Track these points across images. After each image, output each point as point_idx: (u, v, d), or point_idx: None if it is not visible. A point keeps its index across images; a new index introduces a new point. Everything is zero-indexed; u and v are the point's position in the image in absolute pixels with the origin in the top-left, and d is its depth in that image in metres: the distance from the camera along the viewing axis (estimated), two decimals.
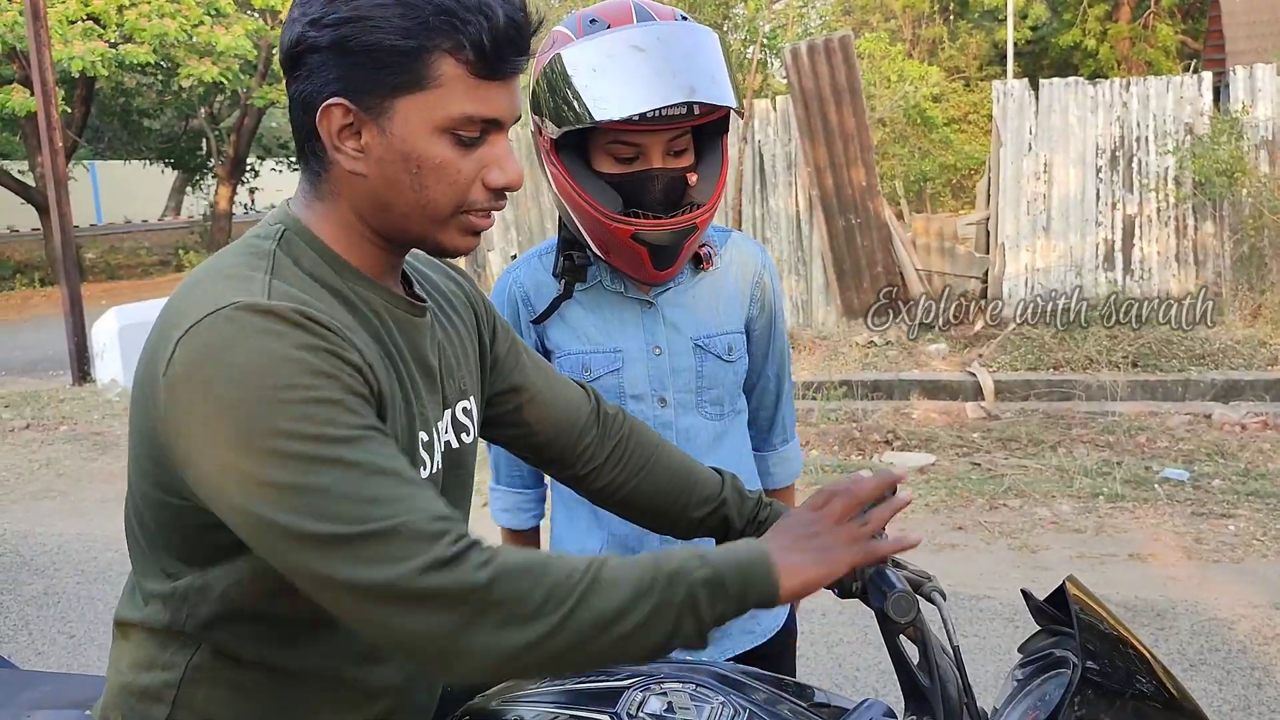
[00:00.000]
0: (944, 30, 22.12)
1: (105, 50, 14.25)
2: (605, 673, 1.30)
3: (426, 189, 1.07)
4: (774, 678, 1.42)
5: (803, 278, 9.72)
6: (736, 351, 1.77)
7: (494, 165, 1.09)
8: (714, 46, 1.57)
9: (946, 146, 16.41)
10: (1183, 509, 5.04)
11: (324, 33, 1.04)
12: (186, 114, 22.65)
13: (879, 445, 6.39)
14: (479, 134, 1.07)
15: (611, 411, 1.47)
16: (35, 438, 7.62)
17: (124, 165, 25.75)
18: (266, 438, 0.94)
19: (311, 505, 0.94)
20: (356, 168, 1.07)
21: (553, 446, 1.42)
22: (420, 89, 1.04)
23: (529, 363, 1.41)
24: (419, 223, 1.09)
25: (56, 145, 9.33)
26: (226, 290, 1.00)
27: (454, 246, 1.12)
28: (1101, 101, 9.00)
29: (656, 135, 1.56)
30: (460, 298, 1.32)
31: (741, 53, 13.91)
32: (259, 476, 0.94)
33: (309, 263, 1.09)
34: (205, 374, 0.96)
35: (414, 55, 1.03)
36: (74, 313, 9.36)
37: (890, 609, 1.22)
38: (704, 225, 1.63)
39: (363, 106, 1.05)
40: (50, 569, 4.96)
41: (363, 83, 1.04)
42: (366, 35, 1.02)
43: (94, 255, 21.50)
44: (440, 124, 1.05)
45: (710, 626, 1.03)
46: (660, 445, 1.48)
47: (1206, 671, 3.49)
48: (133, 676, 1.14)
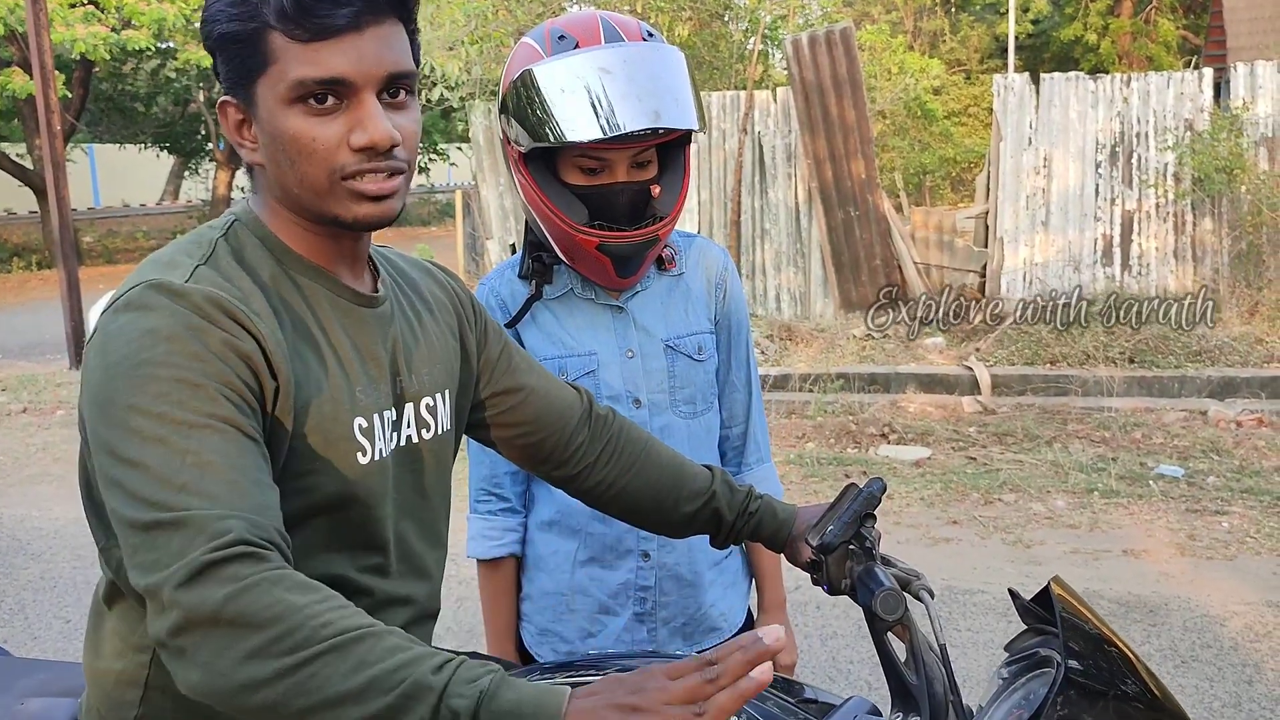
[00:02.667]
0: (945, 23, 22.09)
1: (107, 35, 14.23)
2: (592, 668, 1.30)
3: (297, 164, 1.09)
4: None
5: (801, 270, 9.72)
6: (707, 351, 1.81)
7: (356, 127, 1.08)
8: (679, 67, 1.63)
9: (946, 140, 16.40)
10: (1177, 505, 5.06)
11: (203, 37, 1.11)
12: (185, 99, 22.60)
13: (875, 439, 6.40)
14: (328, 98, 1.07)
15: (602, 412, 1.49)
16: (32, 422, 7.62)
17: (122, 149, 25.68)
18: (120, 409, 0.98)
19: (130, 480, 0.96)
20: (255, 158, 1.13)
21: (545, 446, 1.43)
22: (266, 68, 1.07)
23: (523, 364, 1.43)
24: (308, 198, 1.11)
25: (55, 128, 9.31)
26: (151, 272, 1.06)
27: (354, 217, 1.11)
28: (1102, 96, 8.99)
29: (622, 151, 1.62)
30: (441, 300, 1.34)
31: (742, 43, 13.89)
32: (107, 444, 0.98)
33: (252, 251, 1.13)
34: (99, 343, 1.02)
35: (250, 38, 1.07)
36: (71, 296, 9.35)
37: (878, 607, 1.22)
38: (665, 236, 1.69)
39: (240, 99, 1.10)
40: (46, 554, 4.96)
41: (232, 76, 1.10)
42: (216, 29, 1.08)
43: (92, 239, 21.45)
44: (284, 96, 1.07)
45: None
46: (650, 443, 1.50)
47: (1198, 668, 3.51)
48: (107, 664, 1.17)
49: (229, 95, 1.10)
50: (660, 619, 1.80)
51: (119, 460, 0.97)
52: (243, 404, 1.01)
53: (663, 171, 1.70)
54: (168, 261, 1.08)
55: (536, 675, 1.33)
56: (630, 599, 1.78)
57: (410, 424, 1.23)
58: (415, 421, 1.23)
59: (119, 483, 0.96)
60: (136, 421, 0.97)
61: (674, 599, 1.80)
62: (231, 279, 1.08)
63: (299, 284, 1.13)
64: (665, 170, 1.70)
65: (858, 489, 1.33)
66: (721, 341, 1.86)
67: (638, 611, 1.78)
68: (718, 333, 1.85)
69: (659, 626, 1.80)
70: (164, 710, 1.14)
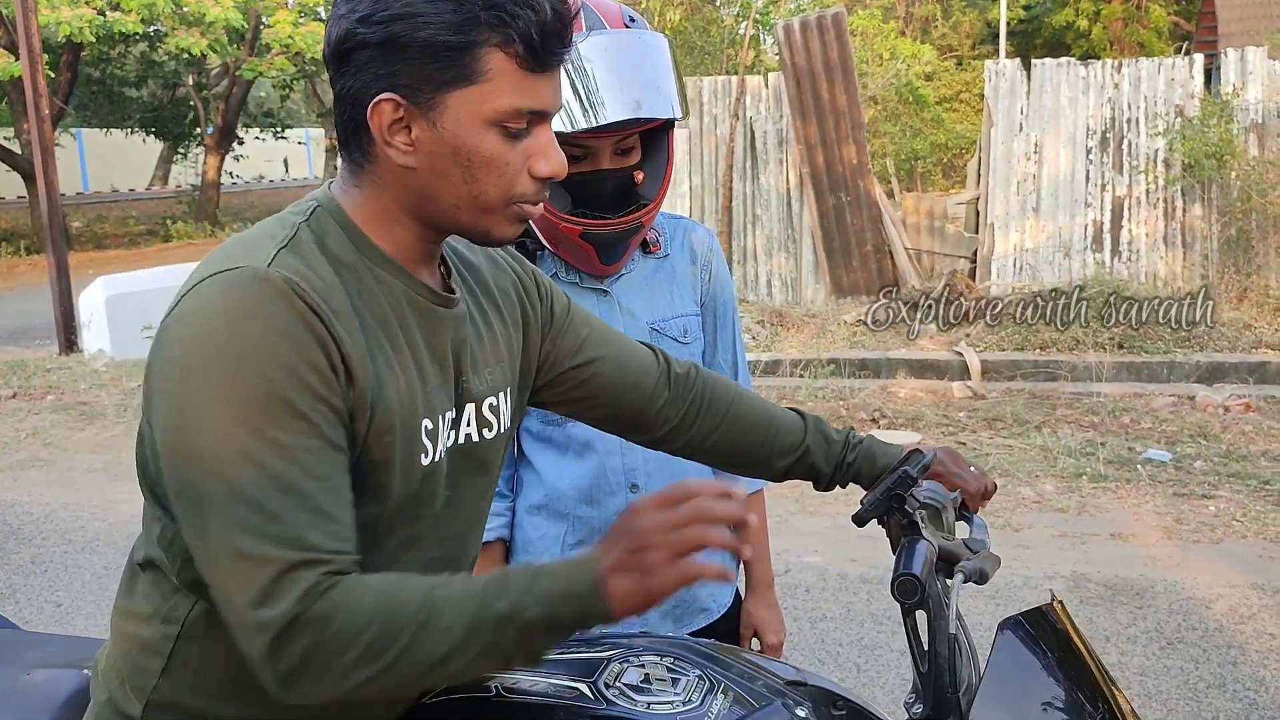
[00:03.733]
0: (937, 8, 22.06)
1: (94, 18, 14.13)
2: (585, 643, 1.30)
3: (477, 181, 1.09)
4: (751, 654, 1.42)
5: (792, 255, 9.73)
6: (692, 334, 1.81)
7: (539, 155, 1.11)
8: (661, 54, 1.62)
9: (938, 125, 16.40)
10: (1164, 490, 5.09)
11: (374, 29, 1.05)
12: (173, 83, 22.47)
13: (865, 424, 6.42)
14: (525, 126, 1.09)
15: (682, 370, 1.47)
16: (21, 407, 7.60)
17: (110, 134, 25.55)
18: (204, 416, 0.98)
19: (216, 497, 0.97)
20: (407, 161, 1.09)
21: (626, 414, 1.43)
22: (470, 83, 1.05)
23: (593, 336, 1.41)
24: (469, 213, 1.11)
25: (43, 112, 9.25)
26: (236, 255, 1.05)
27: (503, 235, 1.14)
28: (1093, 82, 9.00)
29: (604, 139, 1.62)
30: (506, 290, 1.32)
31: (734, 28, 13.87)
32: (189, 449, 0.98)
33: (334, 240, 1.11)
34: (183, 331, 1.01)
35: (464, 50, 1.04)
36: (60, 281, 9.31)
37: (895, 589, 1.21)
38: (649, 223, 1.69)
39: (413, 101, 1.06)
40: (37, 538, 4.96)
41: (413, 78, 1.05)
42: (418, 31, 1.04)
43: (81, 224, 21.35)
44: (490, 117, 1.07)
45: (544, 654, 1.05)
46: (738, 397, 1.49)
47: (1184, 650, 3.54)
48: (134, 628, 1.17)
49: (394, 94, 1.06)
50: None
51: (205, 472, 0.98)
52: (329, 413, 1.03)
53: (646, 157, 1.69)
54: (251, 243, 1.07)
55: None
56: None
57: (470, 423, 1.22)
58: (477, 420, 1.23)
59: (204, 497, 0.98)
60: (224, 430, 0.97)
61: None
62: (314, 267, 1.06)
63: (379, 278, 1.12)
64: (649, 156, 1.69)
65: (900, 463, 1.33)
66: (708, 324, 1.86)
67: None
68: (704, 315, 1.85)
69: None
70: (183, 686, 1.14)
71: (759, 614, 1.91)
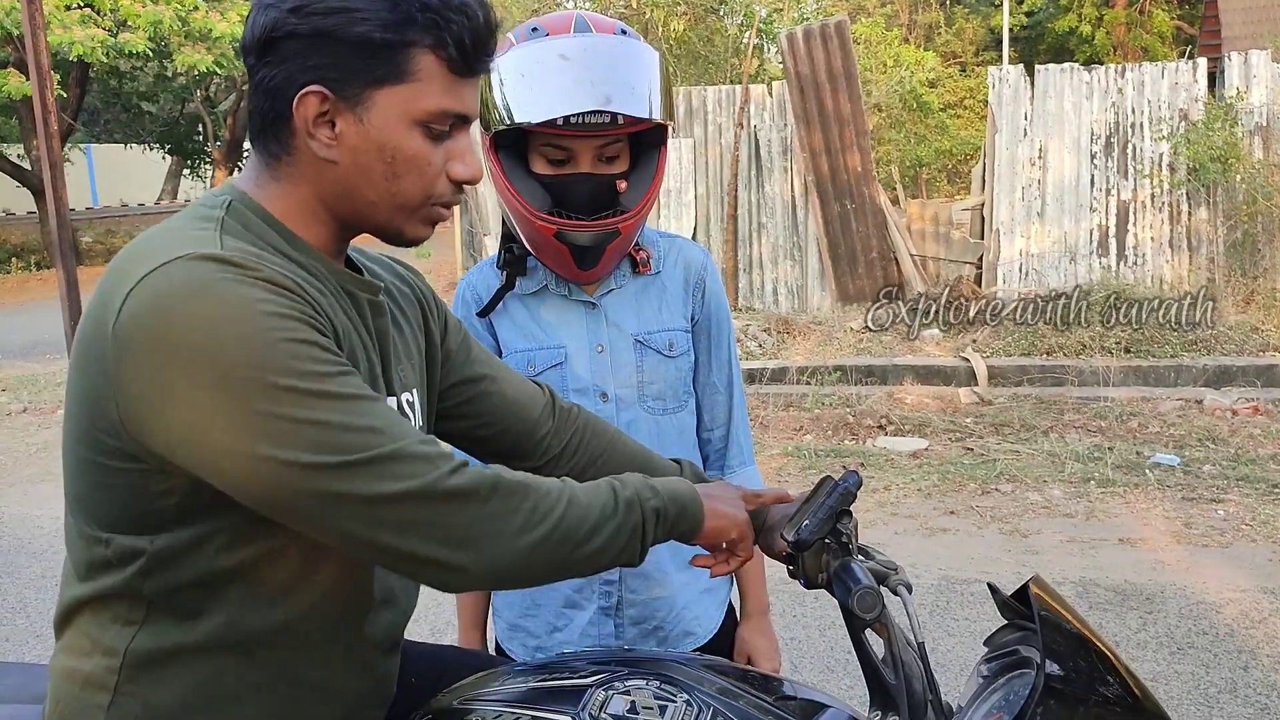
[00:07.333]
0: (940, 15, 22.08)
1: (105, 37, 14.21)
2: (568, 670, 1.28)
3: (399, 179, 1.10)
4: (739, 669, 1.40)
5: (798, 263, 9.74)
6: (678, 348, 1.80)
7: (458, 159, 1.13)
8: (646, 61, 1.63)
9: (942, 132, 16.39)
10: (1173, 494, 5.09)
11: (307, 21, 1.05)
12: (184, 98, 22.58)
13: (872, 430, 6.42)
14: (448, 129, 1.11)
15: (566, 405, 1.51)
16: (32, 421, 7.64)
17: (120, 149, 25.66)
18: (255, 377, 0.96)
19: (316, 439, 0.98)
20: (329, 155, 1.09)
21: (508, 437, 1.44)
22: (400, 82, 1.07)
23: (482, 357, 1.44)
24: (385, 211, 1.12)
25: (52, 128, 9.28)
26: (175, 245, 1.01)
27: (415, 235, 1.16)
28: (1097, 87, 9.01)
29: (585, 141, 1.62)
30: (407, 295, 1.34)
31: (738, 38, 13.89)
32: (253, 414, 0.96)
33: (257, 230, 1.10)
34: (164, 322, 0.96)
35: (397, 49, 1.06)
36: (70, 296, 9.31)
37: (855, 605, 1.20)
38: (627, 230, 1.68)
39: (341, 95, 1.07)
40: (48, 552, 4.98)
41: (343, 72, 1.06)
42: (353, 26, 1.05)
43: (90, 239, 21.45)
44: (417, 117, 1.08)
45: (648, 548, 1.18)
46: (617, 437, 1.52)
47: (1194, 655, 3.53)
48: (74, 663, 1.12)
49: (321, 87, 1.06)
50: (629, 617, 1.79)
51: (281, 422, 0.97)
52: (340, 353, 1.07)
53: (634, 169, 1.70)
54: (184, 233, 1.04)
55: (512, 677, 1.31)
56: (595, 593, 1.78)
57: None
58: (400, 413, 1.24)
59: (296, 443, 0.97)
60: (283, 382, 0.97)
61: (642, 597, 1.79)
62: (259, 249, 1.06)
63: (310, 267, 1.12)
64: (636, 168, 1.70)
65: (834, 483, 1.28)
66: (701, 343, 1.84)
67: (603, 605, 1.78)
68: (697, 334, 1.84)
69: (626, 625, 1.79)
70: (132, 716, 1.10)
71: (754, 641, 1.89)
